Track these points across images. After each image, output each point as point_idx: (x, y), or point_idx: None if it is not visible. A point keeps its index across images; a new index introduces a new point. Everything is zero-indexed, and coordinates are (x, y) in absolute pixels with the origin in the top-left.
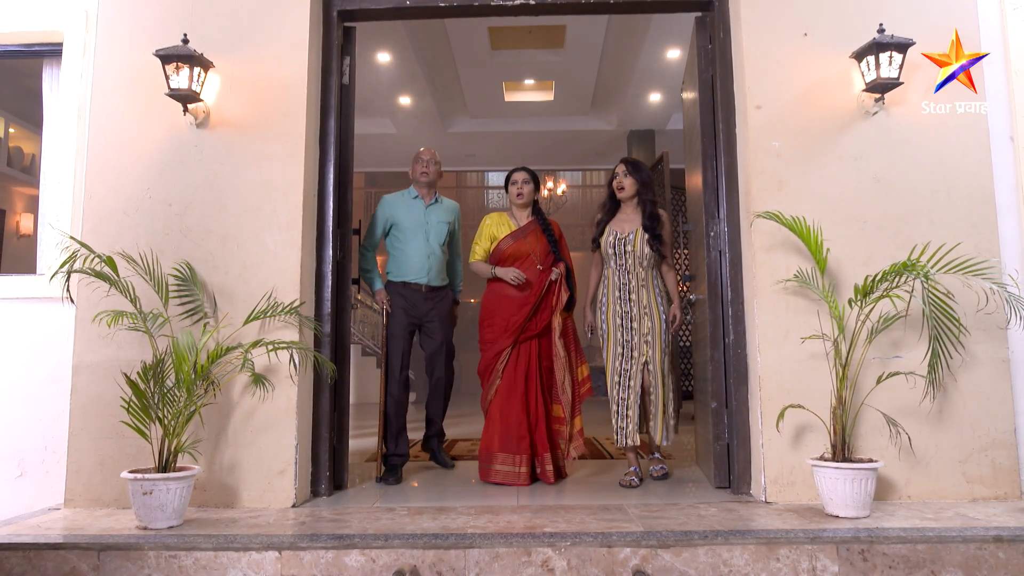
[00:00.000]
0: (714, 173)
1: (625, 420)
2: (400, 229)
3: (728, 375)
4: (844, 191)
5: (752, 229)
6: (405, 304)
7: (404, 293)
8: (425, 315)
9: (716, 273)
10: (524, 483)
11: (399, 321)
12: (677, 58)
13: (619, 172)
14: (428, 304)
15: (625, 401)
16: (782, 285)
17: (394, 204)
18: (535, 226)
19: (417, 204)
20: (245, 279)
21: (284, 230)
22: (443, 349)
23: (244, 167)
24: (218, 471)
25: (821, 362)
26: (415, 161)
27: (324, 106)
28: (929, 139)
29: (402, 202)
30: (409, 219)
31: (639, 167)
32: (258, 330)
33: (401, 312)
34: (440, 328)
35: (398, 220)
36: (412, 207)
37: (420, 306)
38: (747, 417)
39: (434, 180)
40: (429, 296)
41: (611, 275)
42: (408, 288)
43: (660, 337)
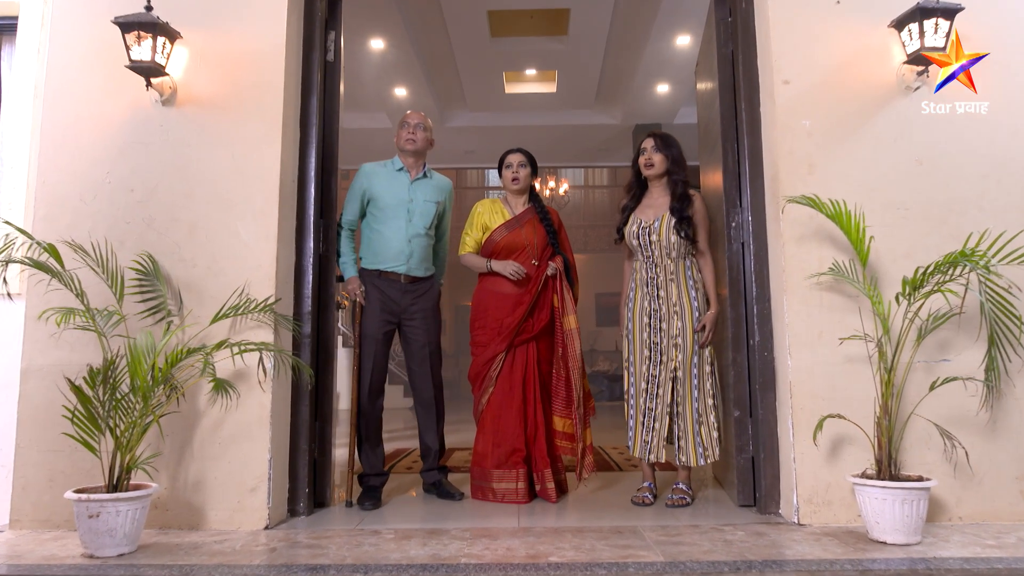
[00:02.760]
0: (735, 157)
1: (651, 433)
2: (378, 206)
3: (753, 380)
4: (883, 175)
5: (781, 217)
6: (381, 297)
7: (379, 284)
8: (405, 311)
9: (738, 267)
10: (523, 500)
11: (373, 318)
12: (687, 45)
13: (647, 147)
14: (408, 298)
15: (652, 412)
16: (815, 280)
17: (373, 175)
18: (532, 215)
19: (401, 177)
20: (215, 273)
21: (259, 219)
22: (428, 355)
23: (215, 149)
24: (182, 488)
25: (861, 366)
26: (400, 125)
27: (306, 84)
28: (978, 117)
29: (383, 174)
30: (389, 194)
31: (670, 142)
32: (228, 330)
33: (376, 307)
34: (424, 327)
35: (376, 194)
36: (394, 180)
37: (399, 300)
38: (775, 427)
39: (423, 149)
40: (409, 288)
41: (639, 268)
42: (384, 278)
43: (692, 340)
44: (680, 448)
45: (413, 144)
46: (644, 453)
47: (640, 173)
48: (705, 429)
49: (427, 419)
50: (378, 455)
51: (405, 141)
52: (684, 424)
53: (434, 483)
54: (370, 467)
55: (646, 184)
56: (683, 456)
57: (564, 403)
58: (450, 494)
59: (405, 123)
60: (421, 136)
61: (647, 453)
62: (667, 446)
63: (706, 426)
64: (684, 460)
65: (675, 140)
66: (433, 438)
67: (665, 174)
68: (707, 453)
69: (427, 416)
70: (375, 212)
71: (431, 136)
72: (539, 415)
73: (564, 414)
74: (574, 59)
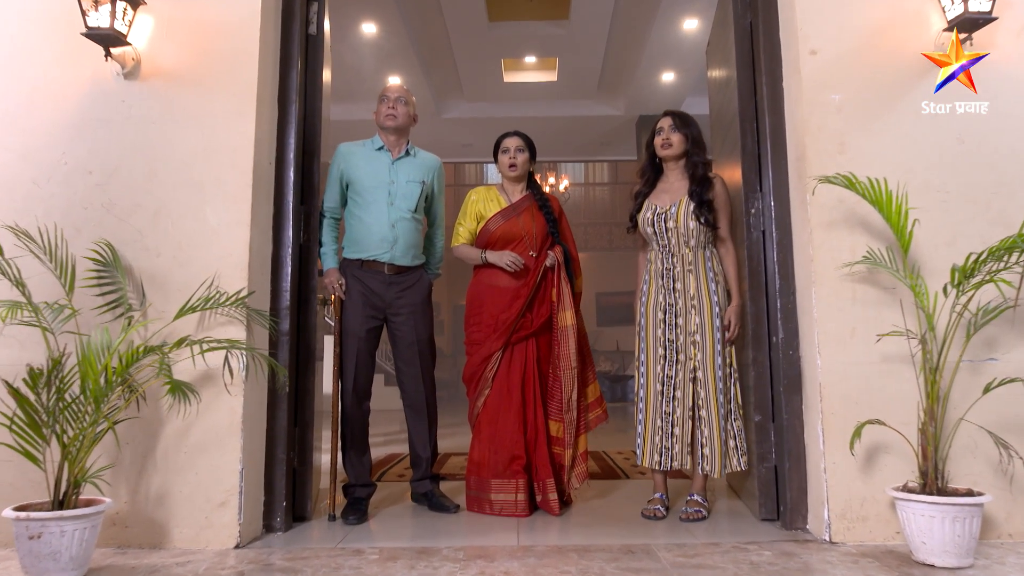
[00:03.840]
0: (754, 138)
1: (671, 439)
2: (357, 190)
3: (776, 382)
4: (921, 154)
5: (809, 201)
6: (363, 290)
7: (361, 275)
8: (390, 305)
9: (758, 258)
10: (524, 513)
11: (355, 313)
12: (695, 30)
13: (664, 126)
14: (393, 291)
15: (670, 417)
16: (847, 270)
17: (350, 156)
18: (530, 202)
19: (381, 157)
20: (181, 263)
21: (230, 203)
22: (417, 354)
23: (182, 126)
24: (143, 503)
25: (899, 366)
26: (379, 100)
27: (285, 57)
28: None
29: (361, 154)
30: (368, 175)
31: (688, 120)
32: (196, 326)
33: (358, 301)
34: (412, 323)
35: (355, 177)
36: (374, 161)
37: (383, 293)
38: (801, 434)
39: (405, 125)
40: (394, 280)
41: (653, 258)
42: (367, 269)
43: (712, 336)
44: (704, 456)
45: (394, 120)
46: (660, 461)
47: (655, 156)
48: (732, 436)
49: (417, 424)
50: (364, 464)
51: (385, 117)
52: (708, 430)
53: (425, 493)
54: (355, 477)
55: (661, 168)
56: (707, 465)
57: (558, 406)
58: (443, 506)
59: (384, 97)
60: (402, 111)
61: (669, 460)
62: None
63: (732, 432)
64: (708, 469)
65: (693, 119)
66: (424, 445)
67: (683, 155)
68: (733, 462)
69: (417, 421)
70: (354, 197)
71: (414, 111)
72: (540, 419)
73: (558, 418)
74: (576, 45)
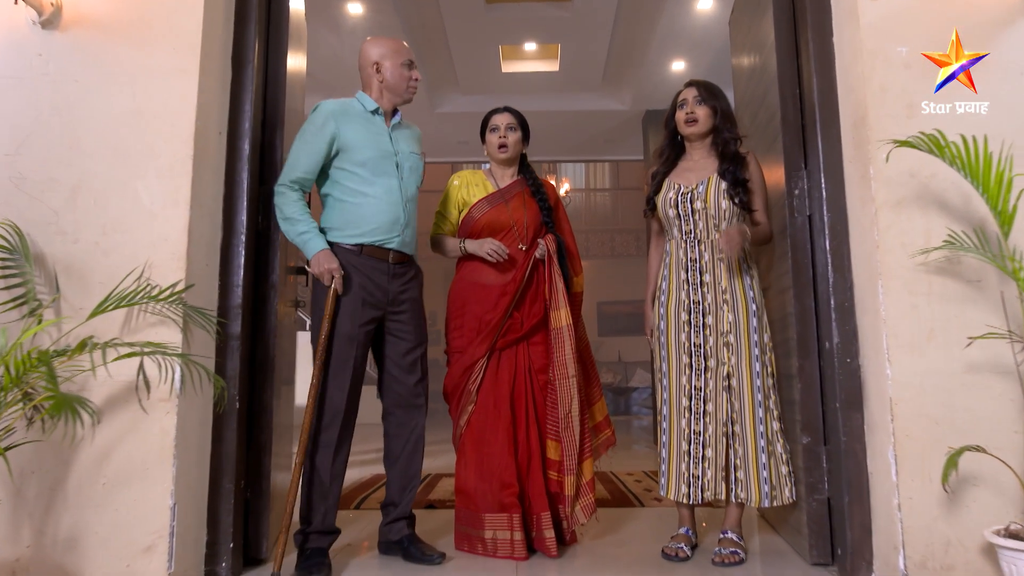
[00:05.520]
0: (796, 105)
1: (701, 465)
2: (358, 160)
3: (829, 396)
4: (1010, 116)
5: (871, 177)
6: (363, 282)
7: (361, 264)
8: (393, 301)
9: (804, 248)
10: (521, 556)
11: (354, 311)
12: (709, 11)
13: (688, 98)
14: (397, 283)
15: (700, 437)
16: (922, 258)
17: (344, 116)
18: (522, 187)
19: (377, 123)
20: (105, 250)
21: (167, 179)
22: (419, 360)
23: (110, 86)
24: (50, 547)
25: (992, 377)
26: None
27: (241, 10)
28: None
29: (356, 115)
30: (370, 144)
31: (716, 92)
32: (121, 327)
33: (358, 295)
34: (414, 323)
35: (351, 143)
36: (371, 126)
37: (386, 286)
38: (863, 460)
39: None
40: (398, 271)
41: (674, 250)
42: (367, 256)
43: (748, 337)
44: (738, 481)
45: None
46: (689, 494)
47: (675, 133)
48: (774, 459)
49: (403, 452)
50: (330, 504)
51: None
52: (743, 449)
53: (400, 540)
54: (320, 520)
55: (682, 147)
56: (742, 492)
57: (556, 423)
58: (423, 556)
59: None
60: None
61: (700, 492)
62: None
63: (775, 455)
64: (743, 497)
65: (721, 90)
66: (407, 474)
67: (710, 132)
68: (774, 493)
69: (403, 443)
70: (352, 168)
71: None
72: (533, 439)
73: (556, 437)
74: (580, 29)
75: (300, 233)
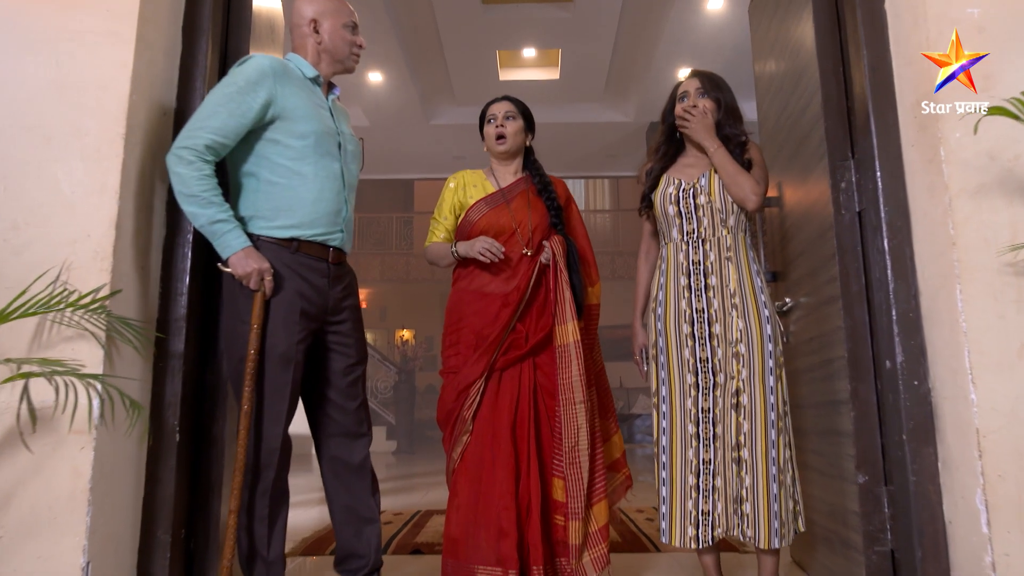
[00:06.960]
0: (839, 84)
1: (711, 499)
2: (296, 132)
3: (891, 427)
4: None
5: (942, 161)
6: (301, 288)
7: (295, 264)
8: (332, 309)
9: (854, 249)
10: None
11: (289, 322)
12: (719, 11)
13: (689, 90)
14: (338, 288)
15: (709, 466)
16: (1011, 257)
17: (285, 78)
18: (526, 186)
19: (318, 93)
20: (15, 248)
21: (91, 163)
22: (360, 379)
23: (27, 53)
24: None
25: None
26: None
27: None
28: None
29: (295, 80)
30: (311, 116)
31: (720, 84)
32: (30, 341)
33: (293, 304)
34: (356, 336)
35: (293, 111)
36: (313, 95)
37: (327, 292)
38: (938, 505)
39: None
40: (338, 273)
41: (671, 254)
42: (303, 255)
43: (762, 347)
44: (744, 516)
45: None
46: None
47: (674, 129)
48: (784, 490)
49: (354, 493)
50: (274, 555)
51: (344, 43)
52: (752, 478)
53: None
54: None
55: (681, 143)
56: (748, 529)
57: (559, 458)
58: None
59: (339, 10)
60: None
61: (709, 530)
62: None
63: (785, 486)
64: (749, 535)
65: (726, 82)
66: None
67: (714, 127)
68: (784, 531)
69: (352, 482)
70: (287, 141)
71: None
72: (534, 476)
73: (560, 472)
74: (582, 32)
75: (215, 221)
